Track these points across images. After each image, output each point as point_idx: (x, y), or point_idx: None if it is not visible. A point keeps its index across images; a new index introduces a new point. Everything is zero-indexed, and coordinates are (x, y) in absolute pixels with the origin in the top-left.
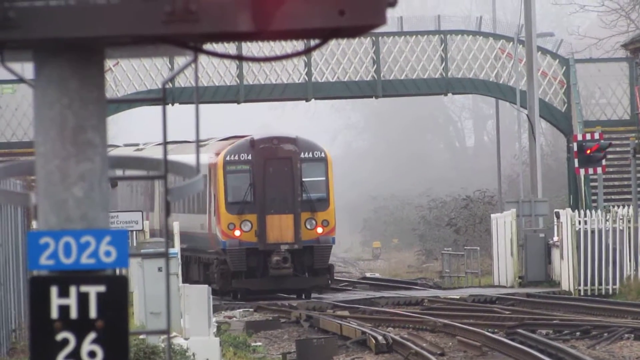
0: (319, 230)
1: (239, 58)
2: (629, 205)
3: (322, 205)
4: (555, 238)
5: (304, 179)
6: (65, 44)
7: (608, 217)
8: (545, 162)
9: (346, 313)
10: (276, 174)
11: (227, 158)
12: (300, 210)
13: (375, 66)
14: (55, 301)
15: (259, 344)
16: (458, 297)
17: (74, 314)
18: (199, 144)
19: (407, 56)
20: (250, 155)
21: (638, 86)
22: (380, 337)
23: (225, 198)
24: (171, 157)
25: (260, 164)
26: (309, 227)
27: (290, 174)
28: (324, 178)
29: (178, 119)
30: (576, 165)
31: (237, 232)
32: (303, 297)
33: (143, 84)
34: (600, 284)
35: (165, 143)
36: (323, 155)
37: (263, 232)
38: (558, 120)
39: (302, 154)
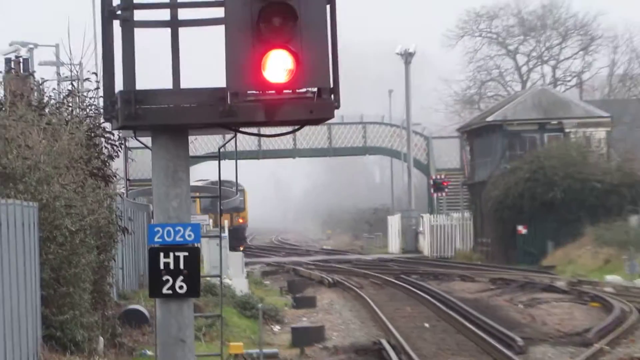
0: (240, 220)
1: (258, 135)
2: (459, 212)
3: (241, 210)
4: (421, 229)
5: (233, 198)
6: (168, 127)
7: (448, 218)
8: (416, 190)
9: (312, 266)
10: (223, 197)
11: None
12: (232, 212)
13: (329, 140)
14: (162, 260)
15: (268, 282)
16: (370, 259)
17: (171, 266)
18: (237, 185)
19: (346, 135)
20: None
21: (464, 151)
22: (329, 279)
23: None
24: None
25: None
26: (236, 219)
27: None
28: (242, 198)
29: (225, 167)
30: (432, 191)
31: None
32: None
33: (208, 149)
34: (443, 252)
35: (220, 181)
36: (242, 189)
37: (217, 221)
38: (423, 168)
39: (232, 188)
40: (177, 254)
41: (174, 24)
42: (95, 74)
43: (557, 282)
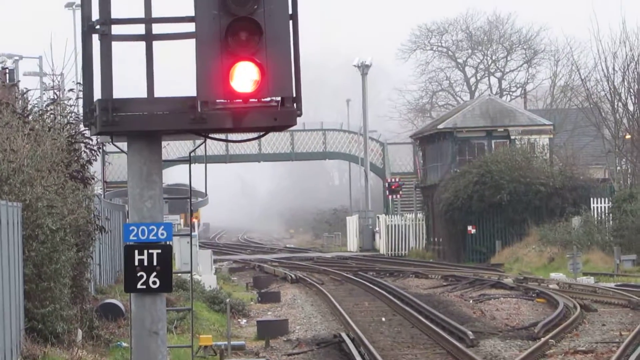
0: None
1: (226, 140)
2: (412, 213)
3: (195, 211)
4: (377, 228)
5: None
6: (142, 133)
7: (403, 218)
8: (372, 192)
9: (276, 264)
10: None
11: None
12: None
13: (291, 145)
14: (137, 257)
15: (235, 278)
16: (330, 256)
17: (145, 263)
18: (206, 186)
19: (307, 141)
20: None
21: (417, 156)
22: (292, 275)
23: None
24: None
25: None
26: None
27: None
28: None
29: (195, 170)
30: (387, 193)
31: None
32: None
33: (180, 153)
34: (398, 250)
35: (190, 183)
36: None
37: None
38: (379, 172)
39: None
40: (150, 251)
41: (149, 38)
42: (79, 84)
43: (505, 279)
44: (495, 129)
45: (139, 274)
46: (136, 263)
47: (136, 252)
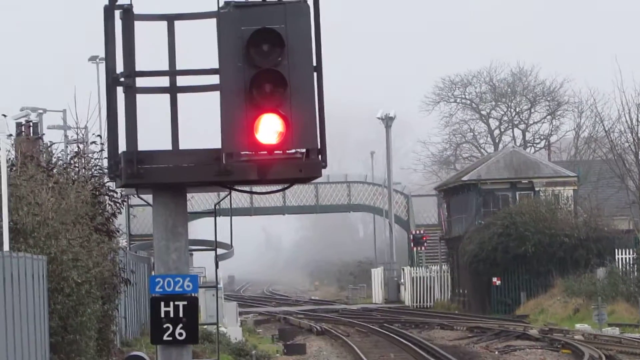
0: None
1: (251, 192)
2: (437, 264)
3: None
4: (402, 280)
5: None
6: (168, 185)
7: (427, 270)
8: (397, 244)
9: (302, 316)
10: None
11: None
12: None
13: (316, 198)
14: (163, 309)
15: (260, 330)
16: (355, 308)
17: (171, 315)
18: (231, 238)
19: (331, 194)
20: None
21: (441, 208)
22: (318, 327)
23: None
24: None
25: None
26: None
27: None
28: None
29: (220, 223)
30: (412, 245)
31: None
32: None
33: (205, 206)
34: (423, 302)
35: (215, 235)
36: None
37: None
38: (403, 224)
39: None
40: (176, 303)
41: (173, 90)
42: (100, 136)
43: (530, 330)
44: (520, 180)
45: (165, 326)
46: (162, 315)
47: (162, 304)
